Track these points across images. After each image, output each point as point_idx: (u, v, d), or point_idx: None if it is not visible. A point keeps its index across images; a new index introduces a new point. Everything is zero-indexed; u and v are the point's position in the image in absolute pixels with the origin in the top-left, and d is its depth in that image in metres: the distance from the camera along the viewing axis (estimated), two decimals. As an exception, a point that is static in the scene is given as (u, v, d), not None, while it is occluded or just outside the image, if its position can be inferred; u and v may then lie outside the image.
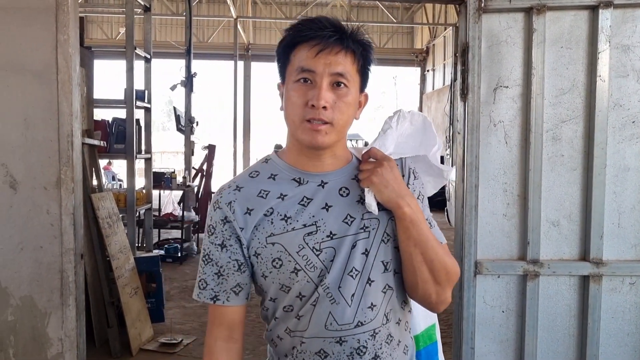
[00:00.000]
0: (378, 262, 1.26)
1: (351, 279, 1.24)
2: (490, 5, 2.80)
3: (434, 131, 1.53)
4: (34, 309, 2.84)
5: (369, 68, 1.30)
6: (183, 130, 8.85)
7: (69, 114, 2.77)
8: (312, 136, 1.21)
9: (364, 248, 1.25)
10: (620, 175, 2.84)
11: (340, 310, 1.23)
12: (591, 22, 2.79)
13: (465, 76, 2.84)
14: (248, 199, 1.27)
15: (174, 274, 7.17)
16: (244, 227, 1.26)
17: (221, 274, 1.30)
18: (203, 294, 1.32)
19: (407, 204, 1.22)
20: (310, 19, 1.24)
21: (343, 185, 1.29)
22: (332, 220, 1.25)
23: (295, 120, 1.22)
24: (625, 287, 2.89)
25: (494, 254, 2.90)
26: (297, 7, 16.85)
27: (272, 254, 1.25)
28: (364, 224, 1.26)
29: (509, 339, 2.93)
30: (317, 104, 1.18)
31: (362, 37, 1.26)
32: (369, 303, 1.25)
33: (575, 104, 2.83)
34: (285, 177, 1.29)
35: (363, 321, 1.25)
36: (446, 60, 15.10)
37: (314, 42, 1.20)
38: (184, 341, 4.68)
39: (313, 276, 1.24)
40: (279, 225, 1.25)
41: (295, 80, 1.22)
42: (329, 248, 1.24)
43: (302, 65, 1.21)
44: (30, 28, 2.74)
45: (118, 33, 16.40)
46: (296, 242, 1.23)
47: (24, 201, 2.80)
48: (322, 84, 1.19)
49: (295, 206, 1.25)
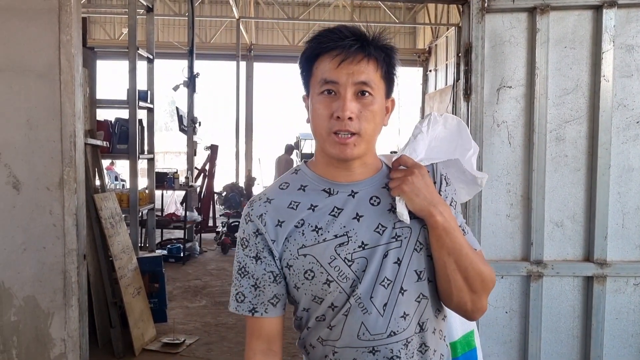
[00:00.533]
0: (411, 271, 1.25)
1: (383, 288, 1.23)
2: (494, 6, 2.79)
3: (469, 134, 1.49)
4: (37, 310, 2.85)
5: (394, 73, 1.27)
6: (185, 130, 8.86)
7: (71, 114, 2.77)
8: (340, 149, 1.20)
9: (396, 257, 1.23)
10: (625, 175, 2.83)
11: (372, 320, 1.23)
12: (595, 22, 2.78)
13: (468, 76, 2.84)
14: (279, 211, 1.27)
15: (176, 274, 7.18)
16: (276, 239, 1.26)
17: (258, 286, 1.29)
18: (241, 307, 1.30)
19: (439, 212, 1.20)
20: (330, 29, 1.22)
21: (374, 194, 1.27)
22: (364, 230, 1.24)
23: (322, 133, 1.22)
24: (630, 287, 2.88)
25: (497, 255, 2.89)
26: (299, 8, 16.85)
27: (304, 265, 1.24)
28: (395, 232, 1.24)
29: (512, 339, 2.92)
30: (343, 115, 1.17)
31: (384, 42, 1.23)
32: (402, 312, 1.24)
33: (579, 104, 2.82)
34: (315, 188, 1.29)
35: (396, 331, 1.23)
36: (448, 60, 15.08)
37: (335, 52, 1.18)
38: (186, 341, 4.68)
39: (345, 287, 1.23)
40: (310, 237, 1.24)
41: (319, 93, 1.21)
42: (361, 258, 1.23)
43: (325, 77, 1.20)
44: (33, 29, 2.74)
45: (121, 33, 16.42)
46: (328, 253, 1.23)
47: (27, 202, 2.80)
48: (346, 95, 1.18)
49: (326, 217, 1.25)
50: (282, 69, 20.39)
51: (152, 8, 6.45)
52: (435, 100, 16.33)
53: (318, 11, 17.02)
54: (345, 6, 17.05)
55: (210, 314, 5.48)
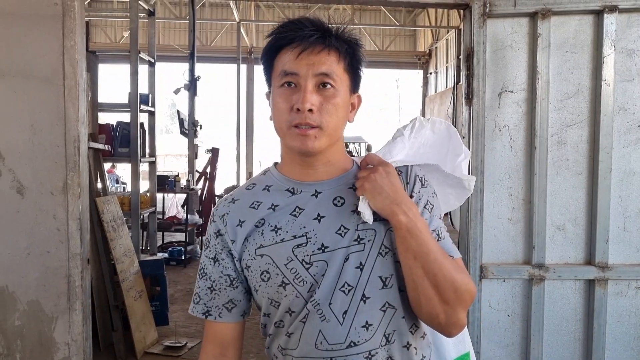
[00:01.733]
0: (375, 278, 1.15)
1: (343, 294, 1.14)
2: (495, 10, 2.80)
3: (460, 139, 1.44)
4: (41, 314, 2.85)
5: (360, 67, 1.22)
6: (187, 133, 8.87)
7: (75, 119, 2.78)
8: (301, 142, 1.14)
9: (358, 262, 1.15)
10: (626, 179, 2.84)
11: (331, 328, 1.15)
12: (596, 26, 2.80)
13: (470, 81, 2.85)
14: (241, 210, 1.23)
15: (178, 276, 7.19)
16: (235, 239, 1.22)
17: (214, 288, 1.25)
18: (196, 309, 1.28)
19: (402, 212, 1.11)
20: (290, 21, 1.18)
21: (338, 194, 1.20)
22: (324, 231, 1.17)
23: (283, 127, 1.17)
24: (631, 291, 2.88)
25: (499, 258, 2.90)
26: (299, 10, 16.86)
27: (260, 266, 1.19)
28: (358, 235, 1.16)
29: (514, 343, 2.93)
30: (303, 107, 1.12)
31: (348, 35, 1.19)
32: (364, 322, 1.15)
33: (580, 109, 2.83)
34: (279, 188, 1.24)
35: (356, 341, 1.15)
36: (449, 62, 15.09)
37: (295, 43, 1.14)
38: (188, 344, 4.69)
39: (302, 291, 1.16)
40: (269, 237, 1.19)
41: (279, 85, 1.16)
42: (320, 261, 1.15)
43: (284, 69, 1.15)
44: (37, 34, 2.75)
45: (122, 37, 16.45)
46: (285, 254, 1.17)
47: (31, 206, 2.81)
48: (306, 86, 1.13)
49: (287, 217, 1.19)
50: (282, 71, 20.27)
51: (153, 12, 6.48)
52: (435, 102, 16.34)
53: (318, 13, 17.04)
54: (345, 9, 17.07)
55: (212, 317, 5.48)
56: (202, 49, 14.36)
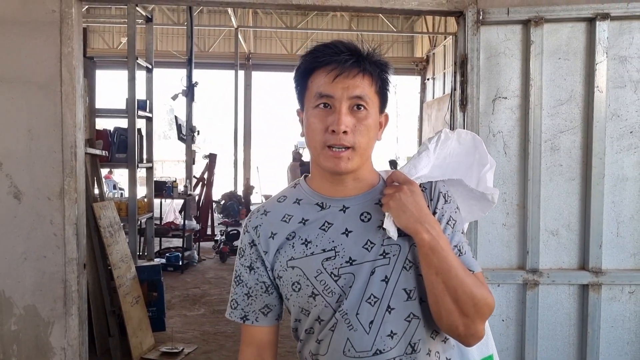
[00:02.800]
0: (399, 290, 1.22)
1: (369, 305, 1.21)
2: (489, 18, 2.83)
3: (485, 149, 1.45)
4: (37, 319, 2.86)
5: (388, 88, 1.28)
6: (184, 139, 8.89)
7: (72, 125, 2.80)
8: (334, 163, 1.20)
9: (383, 275, 1.22)
10: (619, 185, 2.86)
11: (358, 336, 1.21)
12: (588, 33, 2.83)
13: (464, 87, 2.88)
14: (273, 223, 1.30)
15: (175, 282, 7.18)
16: (267, 250, 1.29)
17: (250, 295, 1.33)
18: (234, 314, 1.35)
19: (425, 230, 1.16)
20: (325, 44, 1.23)
21: (365, 210, 1.26)
22: (352, 245, 1.23)
23: (317, 146, 1.22)
24: (625, 295, 2.90)
25: (493, 263, 2.92)
26: (297, 17, 16.93)
27: (291, 277, 1.26)
28: (383, 249, 1.22)
29: (509, 347, 2.95)
30: (338, 128, 1.18)
31: (379, 58, 1.25)
32: (389, 331, 1.21)
33: (573, 115, 2.86)
34: (309, 202, 1.30)
35: (382, 349, 1.21)
36: (446, 69, 15.15)
37: (331, 67, 1.19)
38: (185, 350, 4.69)
39: (331, 301, 1.23)
40: (299, 250, 1.26)
41: (314, 106, 1.22)
42: (347, 274, 1.22)
43: (320, 91, 1.20)
44: (35, 41, 2.78)
45: (120, 43, 16.47)
46: (314, 266, 1.23)
47: (28, 211, 2.82)
48: (341, 109, 1.19)
49: (316, 231, 1.26)
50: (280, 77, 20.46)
51: (151, 18, 6.51)
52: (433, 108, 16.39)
53: (316, 20, 17.10)
54: (343, 15, 17.13)
55: (208, 323, 5.49)
56: (199, 55, 14.40)
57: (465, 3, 2.85)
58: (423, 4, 2.87)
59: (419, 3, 2.87)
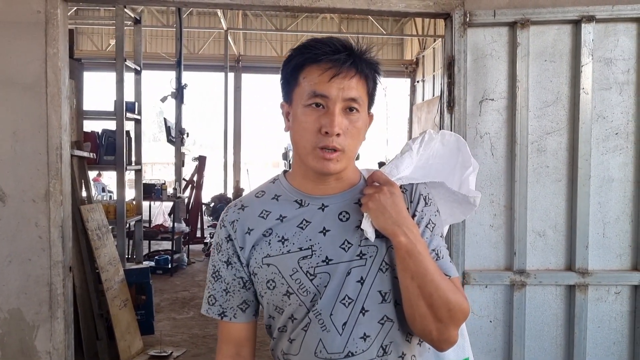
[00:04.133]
0: (374, 292, 1.20)
1: (343, 307, 1.19)
2: (475, 20, 2.84)
3: (469, 151, 1.44)
4: (22, 322, 2.83)
5: (376, 89, 1.27)
6: (173, 141, 8.85)
7: (57, 127, 2.78)
8: (323, 164, 1.18)
9: (359, 276, 1.20)
10: (605, 186, 2.88)
11: (330, 338, 1.19)
12: (574, 36, 2.85)
13: (451, 89, 2.89)
14: (249, 218, 1.27)
15: (164, 285, 7.14)
16: (243, 246, 1.26)
17: (228, 290, 1.30)
18: (212, 310, 1.32)
19: (403, 233, 1.15)
20: (320, 40, 1.19)
21: (344, 209, 1.24)
22: (329, 244, 1.21)
23: (307, 146, 1.19)
24: (611, 296, 2.92)
25: (481, 264, 2.93)
26: (287, 19, 16.94)
27: (266, 275, 1.24)
28: (360, 250, 1.20)
29: (496, 348, 2.95)
30: (332, 131, 1.15)
31: (372, 58, 1.23)
32: (362, 333, 1.20)
33: (559, 116, 2.88)
34: (287, 199, 1.27)
35: (354, 351, 1.19)
36: (436, 71, 15.21)
37: (327, 65, 1.16)
38: (173, 353, 4.66)
39: (305, 300, 1.20)
40: (276, 247, 1.23)
41: (306, 105, 1.18)
42: (323, 273, 1.20)
43: (314, 90, 1.16)
44: (19, 42, 2.75)
45: (108, 45, 16.38)
46: (290, 265, 1.21)
47: (13, 214, 2.79)
48: (335, 110, 1.16)
49: (294, 228, 1.23)
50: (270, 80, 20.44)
51: (139, 19, 6.48)
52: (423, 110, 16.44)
53: (306, 22, 17.11)
54: (333, 18, 17.16)
55: (197, 326, 5.46)
56: (189, 57, 14.38)
57: (452, 5, 2.86)
58: (410, 6, 2.88)
59: (406, 5, 2.87)
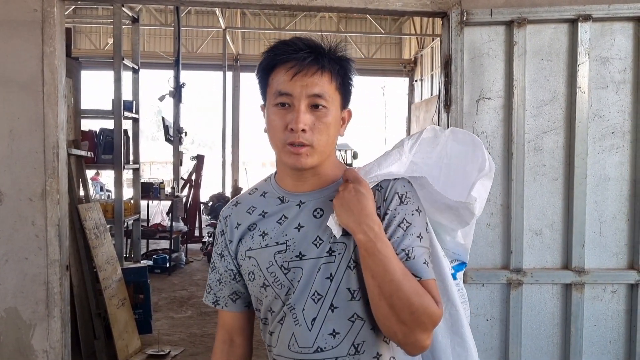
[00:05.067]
0: (343, 289, 1.21)
1: (313, 302, 1.22)
2: (472, 19, 2.84)
3: (485, 152, 1.37)
4: (19, 321, 2.83)
5: (350, 84, 1.28)
6: (171, 140, 8.85)
7: (54, 125, 2.77)
8: (294, 159, 1.22)
9: (328, 272, 1.22)
10: (601, 185, 2.89)
11: (301, 332, 1.23)
12: (571, 35, 2.85)
13: (448, 88, 2.89)
14: (239, 214, 1.35)
15: (162, 284, 7.14)
16: (232, 239, 1.34)
17: (221, 280, 1.38)
18: (207, 298, 1.42)
19: (362, 231, 1.14)
20: (285, 42, 1.23)
21: (319, 206, 1.27)
22: (302, 240, 1.25)
23: (278, 144, 1.24)
24: (607, 295, 2.92)
25: (478, 263, 2.93)
26: (285, 18, 16.93)
27: (248, 267, 1.31)
28: (330, 247, 1.22)
29: (493, 347, 2.96)
30: (296, 127, 1.19)
31: (340, 54, 1.25)
32: (331, 330, 1.21)
33: (556, 115, 2.88)
34: (272, 196, 1.33)
35: (323, 347, 1.21)
36: (434, 70, 15.21)
37: (290, 64, 1.20)
38: (171, 352, 4.66)
39: (280, 293, 1.25)
40: (257, 241, 1.29)
41: (274, 104, 1.23)
42: (296, 268, 1.24)
43: (279, 89, 1.21)
44: (16, 40, 2.75)
45: (106, 43, 16.37)
46: (267, 258, 1.27)
47: (9, 213, 2.79)
48: (299, 107, 1.19)
49: (273, 224, 1.29)
50: (269, 79, 20.32)
51: (137, 18, 6.48)
52: (421, 110, 16.45)
53: (304, 22, 17.11)
54: (331, 17, 17.15)
55: (196, 325, 5.46)
56: (187, 56, 14.35)
57: (449, 4, 2.86)
58: (407, 5, 2.88)
59: (403, 4, 2.87)
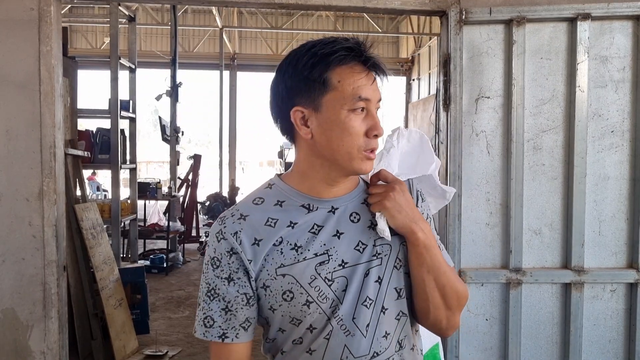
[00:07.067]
0: (391, 289, 1.22)
1: (365, 308, 1.19)
2: (471, 17, 2.84)
3: (431, 148, 1.49)
4: (16, 322, 2.81)
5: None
6: (168, 140, 8.82)
7: (51, 125, 2.75)
8: (367, 165, 1.18)
9: (377, 276, 1.20)
10: (600, 184, 2.88)
11: (356, 342, 1.18)
12: (570, 33, 2.85)
13: (447, 87, 2.88)
14: (255, 228, 1.19)
15: (159, 284, 7.12)
16: (253, 258, 1.18)
17: (229, 309, 1.20)
18: (210, 333, 1.21)
19: (420, 229, 1.19)
20: (345, 40, 1.17)
21: (354, 210, 1.23)
22: (344, 247, 1.19)
23: (353, 150, 1.16)
24: (607, 294, 2.92)
25: (477, 263, 2.93)
26: (282, 17, 16.90)
27: (282, 286, 1.17)
28: (376, 250, 1.20)
29: (492, 347, 2.95)
30: (380, 133, 1.18)
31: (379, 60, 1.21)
32: (384, 332, 1.20)
33: (555, 114, 2.88)
34: (293, 204, 1.22)
35: (379, 351, 1.20)
36: (431, 69, 15.20)
37: (360, 67, 1.16)
38: (169, 353, 4.65)
39: (325, 308, 1.17)
40: (290, 256, 1.17)
41: (352, 109, 1.15)
42: (341, 277, 1.18)
43: (359, 94, 1.15)
44: (12, 39, 2.73)
45: (103, 42, 16.30)
46: (308, 272, 1.17)
47: (6, 213, 2.77)
48: (374, 112, 1.18)
49: (306, 234, 1.19)
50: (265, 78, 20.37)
51: (134, 17, 6.44)
52: (418, 109, 16.45)
53: (302, 21, 17.08)
54: (328, 16, 17.13)
55: (192, 325, 5.44)
56: (184, 55, 14.32)
57: (448, 2, 2.85)
58: (406, 4, 2.87)
59: (401, 2, 2.86)
